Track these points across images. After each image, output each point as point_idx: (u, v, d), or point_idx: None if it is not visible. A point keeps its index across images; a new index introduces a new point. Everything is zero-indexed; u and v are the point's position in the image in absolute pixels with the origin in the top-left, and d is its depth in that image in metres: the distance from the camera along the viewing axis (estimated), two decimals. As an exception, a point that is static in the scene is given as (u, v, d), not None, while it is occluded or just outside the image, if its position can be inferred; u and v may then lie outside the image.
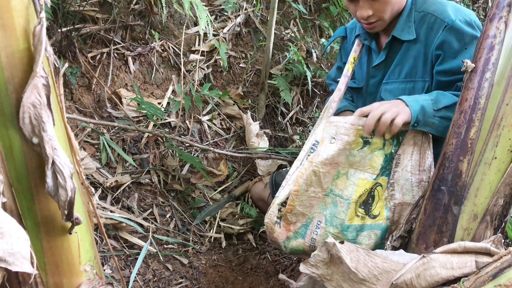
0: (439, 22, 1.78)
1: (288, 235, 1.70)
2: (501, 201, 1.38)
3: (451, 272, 1.28)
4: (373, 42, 1.94)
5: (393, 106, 1.60)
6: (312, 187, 1.66)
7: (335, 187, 1.67)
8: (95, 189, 2.25)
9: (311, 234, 1.69)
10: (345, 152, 1.64)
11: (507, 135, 1.35)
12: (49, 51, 0.99)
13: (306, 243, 1.70)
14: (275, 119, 3.22)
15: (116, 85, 2.69)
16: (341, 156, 1.64)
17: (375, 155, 1.65)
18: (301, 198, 1.66)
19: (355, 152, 1.65)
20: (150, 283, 2.02)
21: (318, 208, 1.67)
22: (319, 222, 1.68)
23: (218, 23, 3.19)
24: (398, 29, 1.83)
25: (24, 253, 0.88)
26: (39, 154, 0.96)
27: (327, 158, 1.64)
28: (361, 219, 1.66)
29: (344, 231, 1.66)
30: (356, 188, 1.65)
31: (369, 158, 1.65)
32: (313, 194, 1.66)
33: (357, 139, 1.64)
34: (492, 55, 1.40)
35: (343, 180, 1.66)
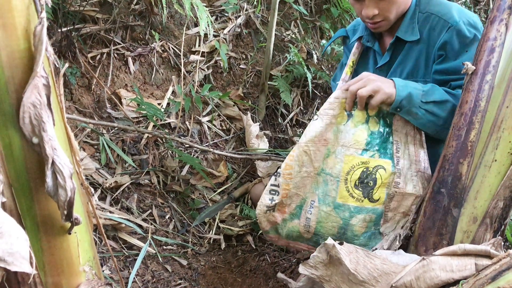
0: (443, 23, 1.78)
1: (284, 217, 1.71)
2: (501, 203, 1.39)
3: (451, 275, 1.28)
4: (376, 44, 1.94)
5: (378, 82, 1.60)
6: (304, 167, 1.67)
7: (326, 166, 1.67)
8: (95, 189, 2.25)
9: (306, 214, 1.70)
10: (332, 127, 1.65)
11: (507, 138, 1.35)
12: (49, 51, 0.99)
13: (301, 223, 1.71)
14: (275, 120, 3.22)
15: (116, 86, 2.69)
16: (329, 132, 1.66)
17: (358, 129, 1.65)
18: (294, 180, 1.67)
19: (342, 127, 1.66)
20: (149, 284, 2.02)
21: (311, 188, 1.68)
22: (312, 202, 1.69)
23: (219, 24, 3.19)
24: (402, 30, 1.83)
25: (23, 253, 0.88)
26: (39, 154, 0.96)
27: (315, 136, 1.65)
28: (358, 201, 1.65)
29: (336, 209, 1.66)
30: (343, 165, 1.66)
31: (353, 133, 1.65)
32: (305, 174, 1.67)
33: (341, 113, 1.66)
34: (492, 58, 1.40)
35: (332, 158, 1.67)
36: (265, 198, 1.69)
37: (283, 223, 1.72)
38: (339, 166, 1.66)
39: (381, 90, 1.58)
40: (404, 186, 1.63)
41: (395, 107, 1.60)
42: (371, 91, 1.59)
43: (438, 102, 1.60)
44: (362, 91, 1.59)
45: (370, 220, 1.65)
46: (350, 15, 3.55)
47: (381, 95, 1.58)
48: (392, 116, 1.66)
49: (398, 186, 1.63)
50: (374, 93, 1.59)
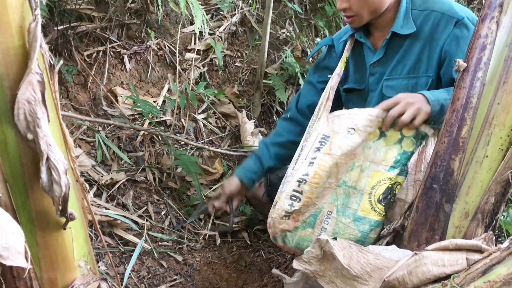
0: (447, 18, 1.81)
1: (296, 225, 1.69)
2: (492, 199, 1.40)
3: (443, 269, 1.29)
4: (367, 41, 1.97)
5: (416, 103, 1.62)
6: (330, 178, 1.66)
7: (348, 179, 1.67)
8: (91, 186, 2.26)
9: (321, 224, 1.68)
10: (363, 143, 1.65)
11: (498, 134, 1.36)
12: (44, 48, 1.00)
13: (315, 233, 1.69)
14: (270, 118, 3.23)
15: (112, 83, 2.70)
16: (359, 147, 1.65)
17: (389, 148, 1.66)
18: (319, 189, 1.65)
19: (371, 144, 1.66)
20: (145, 280, 2.03)
21: (329, 198, 1.67)
22: (329, 212, 1.68)
23: (214, 22, 3.20)
24: (397, 25, 1.86)
25: (18, 247, 0.89)
26: (33, 150, 0.97)
27: (349, 150, 1.64)
28: (379, 215, 1.66)
29: (356, 222, 1.66)
30: (369, 180, 1.66)
31: (384, 151, 1.66)
32: (327, 185, 1.66)
33: (375, 131, 1.66)
34: (484, 55, 1.41)
35: (357, 172, 1.66)
36: (285, 202, 1.65)
37: (295, 231, 1.69)
38: (365, 180, 1.66)
39: (421, 112, 1.61)
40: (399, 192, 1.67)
41: (431, 121, 1.64)
42: (412, 116, 1.61)
43: None
44: (405, 117, 1.61)
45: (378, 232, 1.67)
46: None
47: (423, 116, 1.61)
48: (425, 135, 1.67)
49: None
50: (415, 116, 1.61)
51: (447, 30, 1.81)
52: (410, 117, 1.61)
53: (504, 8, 1.41)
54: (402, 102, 1.63)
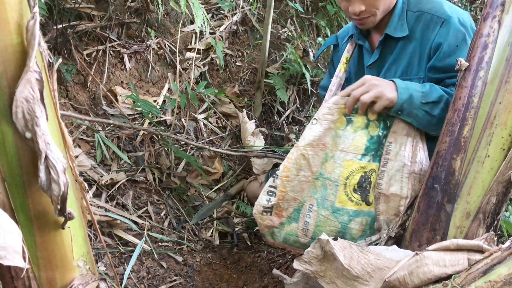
0: (436, 19, 1.79)
1: (281, 221, 1.71)
2: (493, 199, 1.39)
3: (444, 270, 1.28)
4: (366, 42, 1.95)
5: (380, 87, 1.59)
6: (302, 171, 1.67)
7: (324, 171, 1.67)
8: (90, 186, 2.25)
9: (304, 218, 1.70)
10: (330, 132, 1.66)
11: (500, 134, 1.36)
12: (42, 46, 0.99)
13: (299, 227, 1.71)
14: (271, 117, 3.22)
15: (112, 83, 2.69)
16: (327, 137, 1.66)
17: (358, 135, 1.65)
18: (292, 183, 1.67)
19: (340, 132, 1.66)
20: (144, 281, 2.02)
21: (309, 192, 1.68)
22: (311, 206, 1.69)
23: (215, 21, 3.19)
24: (391, 27, 1.83)
25: (16, 247, 0.88)
26: (32, 149, 0.96)
27: (313, 140, 1.65)
28: (356, 205, 1.66)
29: (334, 213, 1.67)
30: (342, 170, 1.66)
31: (352, 138, 1.66)
32: (303, 178, 1.67)
33: (340, 118, 1.66)
34: (485, 54, 1.41)
35: (331, 163, 1.67)
36: (262, 198, 1.70)
37: (281, 227, 1.72)
38: (338, 171, 1.67)
39: (384, 96, 1.57)
40: (387, 187, 1.63)
41: (396, 110, 1.60)
42: (373, 97, 1.58)
43: (436, 102, 1.61)
44: (364, 97, 1.59)
45: (366, 224, 1.66)
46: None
47: (384, 101, 1.58)
48: (392, 118, 1.65)
49: (381, 187, 1.64)
50: (377, 99, 1.58)
51: (435, 31, 1.79)
52: (370, 98, 1.58)
53: (506, 7, 1.40)
54: (366, 83, 1.61)
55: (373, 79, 1.63)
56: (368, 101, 1.59)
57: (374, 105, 1.60)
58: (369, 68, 1.95)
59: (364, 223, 1.67)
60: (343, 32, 2.15)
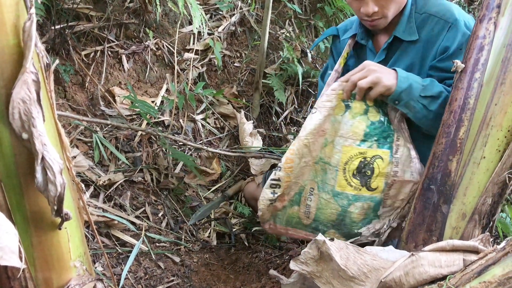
0: (443, 23, 1.78)
1: (284, 204, 1.76)
2: (489, 200, 1.40)
3: (439, 270, 1.29)
4: (369, 42, 1.95)
5: (378, 73, 1.59)
6: (304, 158, 1.70)
7: (324, 155, 1.71)
8: (88, 187, 2.25)
9: (305, 201, 1.74)
10: (329, 118, 1.68)
11: (495, 135, 1.36)
12: (39, 47, 1.00)
13: (301, 210, 1.75)
14: (270, 118, 3.23)
15: (110, 83, 2.69)
16: (327, 123, 1.68)
17: (356, 121, 1.67)
18: (295, 171, 1.71)
19: (339, 118, 1.68)
20: (142, 281, 2.02)
21: (309, 176, 1.73)
22: (311, 189, 1.73)
23: (213, 22, 3.20)
24: (399, 30, 1.82)
25: (12, 247, 0.89)
26: (28, 150, 0.96)
27: (314, 128, 1.68)
28: (356, 190, 1.68)
29: (335, 197, 1.70)
30: (341, 156, 1.69)
31: (351, 124, 1.67)
32: (304, 164, 1.71)
33: (339, 104, 1.67)
34: (481, 56, 1.42)
35: (330, 148, 1.69)
36: (267, 192, 1.73)
37: (283, 210, 1.77)
38: (337, 156, 1.69)
39: (381, 82, 1.58)
40: (403, 174, 1.66)
41: (394, 99, 1.60)
42: (370, 83, 1.58)
43: (435, 97, 1.61)
44: (362, 83, 1.59)
45: (368, 208, 1.69)
46: (344, 14, 3.56)
47: (380, 88, 1.58)
48: (386, 105, 1.67)
49: (397, 175, 1.66)
50: (374, 84, 1.59)
51: (442, 35, 1.79)
52: (367, 83, 1.58)
53: (501, 9, 1.41)
54: (365, 68, 1.61)
55: (373, 64, 1.63)
56: (365, 87, 1.59)
57: (371, 91, 1.61)
58: None
59: (366, 207, 1.69)
60: (344, 26, 2.13)
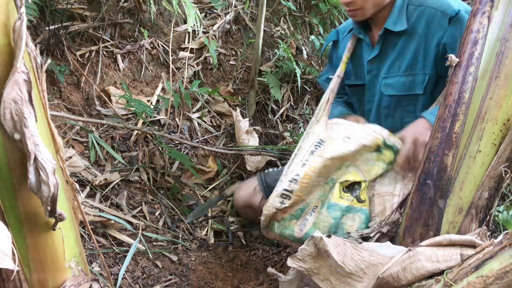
0: (441, 14, 1.79)
1: (283, 217, 1.76)
2: (485, 194, 1.40)
3: (437, 265, 1.29)
4: (366, 37, 1.96)
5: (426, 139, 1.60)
6: (320, 177, 1.72)
7: (335, 176, 1.74)
8: (84, 187, 2.24)
9: (305, 216, 1.75)
10: (359, 152, 1.71)
11: (491, 129, 1.36)
12: (30, 46, 0.99)
13: (298, 223, 1.75)
14: (266, 116, 3.22)
15: (105, 83, 2.69)
16: (356, 155, 1.71)
17: (377, 164, 1.71)
18: (308, 188, 1.72)
19: (364, 153, 1.71)
20: (139, 280, 2.02)
21: (317, 195, 1.74)
22: (315, 207, 1.74)
23: (208, 21, 3.19)
24: (390, 21, 1.85)
25: (5, 249, 0.88)
26: (21, 150, 0.95)
27: (341, 156, 1.70)
28: (348, 201, 1.71)
29: (329, 209, 1.72)
30: (347, 174, 1.73)
31: (372, 164, 1.71)
32: (316, 183, 1.72)
33: (372, 146, 1.71)
34: (475, 50, 1.41)
35: (343, 169, 1.73)
36: (276, 200, 1.72)
37: (282, 221, 1.76)
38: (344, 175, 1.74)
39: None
40: (380, 187, 1.70)
41: None
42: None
43: None
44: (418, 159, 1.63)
45: (359, 220, 1.70)
46: (339, 11, 3.55)
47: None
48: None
49: (374, 188, 1.71)
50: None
51: (442, 27, 1.79)
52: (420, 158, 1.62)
53: (495, 2, 1.41)
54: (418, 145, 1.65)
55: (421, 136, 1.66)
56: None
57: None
58: (370, 63, 1.96)
59: (357, 219, 1.70)
60: (344, 27, 2.16)
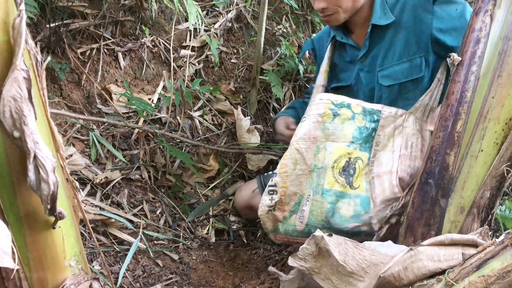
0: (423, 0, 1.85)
1: (284, 215, 1.80)
2: (487, 193, 1.39)
3: (438, 265, 1.28)
4: (349, 40, 2.00)
5: None
6: (298, 165, 1.77)
7: (317, 162, 1.78)
8: (84, 185, 2.24)
9: (302, 208, 1.79)
10: (319, 125, 1.79)
11: (493, 128, 1.36)
12: (30, 44, 0.98)
13: (297, 217, 1.79)
14: (267, 114, 3.21)
15: (106, 81, 2.68)
16: (317, 130, 1.78)
17: (345, 125, 1.79)
18: (290, 177, 1.77)
19: (328, 125, 1.79)
20: (140, 279, 2.01)
21: (306, 184, 1.78)
22: (308, 196, 1.78)
23: (210, 19, 3.18)
24: (376, 17, 1.91)
25: (5, 248, 0.88)
26: (20, 148, 0.95)
27: (304, 133, 1.78)
28: (342, 187, 1.76)
29: (323, 194, 1.76)
30: (331, 156, 1.78)
31: (341, 129, 1.79)
32: (300, 172, 1.77)
33: (326, 112, 1.79)
34: (478, 49, 1.41)
35: (323, 153, 1.78)
36: (265, 199, 1.78)
37: (284, 220, 1.81)
38: (328, 158, 1.78)
39: None
40: (378, 169, 1.75)
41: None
42: None
43: None
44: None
45: (355, 205, 1.74)
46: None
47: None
48: (379, 113, 1.80)
49: (372, 172, 1.76)
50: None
51: (428, 10, 1.84)
52: None
53: (498, 1, 1.40)
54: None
55: None
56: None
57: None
58: (360, 62, 2.00)
59: (353, 204, 1.75)
60: (319, 35, 2.26)
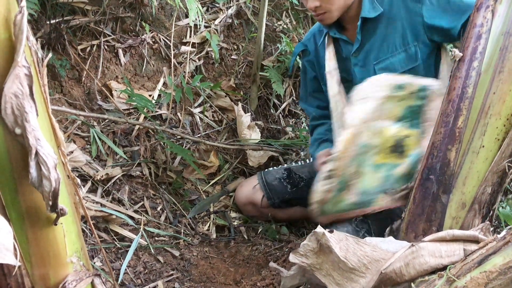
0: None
1: (329, 196, 1.77)
2: (489, 189, 1.39)
3: (440, 261, 1.29)
4: (343, 35, 2.02)
5: None
6: (353, 146, 1.72)
7: (369, 141, 1.73)
8: (85, 182, 2.24)
9: (350, 182, 1.75)
10: (373, 106, 1.71)
11: (494, 124, 1.36)
12: (31, 40, 0.98)
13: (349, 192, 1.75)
14: (268, 110, 3.21)
15: (107, 78, 2.68)
16: (371, 112, 1.72)
17: (397, 104, 1.72)
18: (345, 161, 1.72)
19: (381, 106, 1.72)
20: (141, 275, 2.01)
21: (354, 161, 1.73)
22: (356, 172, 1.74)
23: (210, 15, 3.18)
24: (365, 11, 1.94)
25: (7, 244, 0.87)
26: (22, 145, 0.95)
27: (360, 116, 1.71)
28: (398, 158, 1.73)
29: (376, 169, 1.73)
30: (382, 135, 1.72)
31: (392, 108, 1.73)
32: (352, 152, 1.73)
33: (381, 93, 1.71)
34: (479, 44, 1.40)
35: (372, 131, 1.73)
36: (322, 184, 1.74)
37: (332, 200, 1.77)
38: (377, 137, 1.73)
39: None
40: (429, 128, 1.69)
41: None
42: None
43: None
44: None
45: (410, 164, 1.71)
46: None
47: None
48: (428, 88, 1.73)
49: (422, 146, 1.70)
50: None
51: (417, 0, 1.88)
52: None
53: (499, -4, 1.40)
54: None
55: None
56: None
57: None
58: (354, 56, 2.03)
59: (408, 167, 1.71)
60: (308, 35, 2.28)
